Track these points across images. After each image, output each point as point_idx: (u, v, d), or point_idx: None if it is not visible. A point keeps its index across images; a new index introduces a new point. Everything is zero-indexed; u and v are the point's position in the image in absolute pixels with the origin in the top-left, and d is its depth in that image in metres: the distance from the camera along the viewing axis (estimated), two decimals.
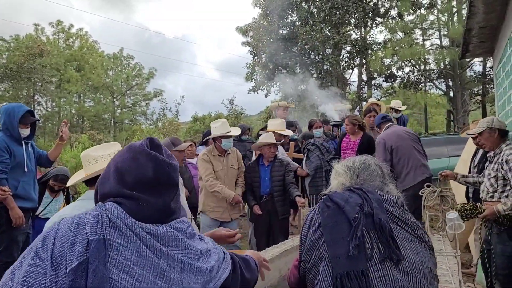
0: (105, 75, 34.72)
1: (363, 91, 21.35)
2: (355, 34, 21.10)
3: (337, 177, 1.88)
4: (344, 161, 1.94)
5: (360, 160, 1.92)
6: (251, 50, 21.64)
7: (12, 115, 4.10)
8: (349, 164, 1.90)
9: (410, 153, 5.29)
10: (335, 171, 1.91)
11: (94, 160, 2.42)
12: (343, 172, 1.87)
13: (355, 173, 1.86)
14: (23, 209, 3.99)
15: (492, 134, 4.01)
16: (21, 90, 29.26)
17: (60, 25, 34.08)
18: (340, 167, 1.91)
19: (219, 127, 5.16)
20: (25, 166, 4.09)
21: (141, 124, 31.08)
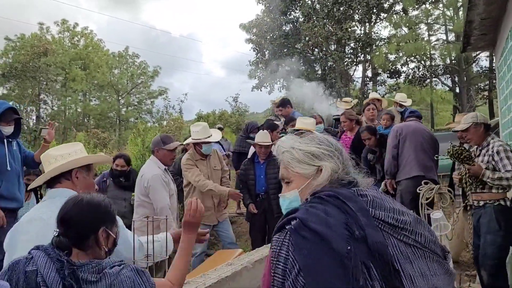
0: (110, 73, 34.75)
1: (368, 88, 21.15)
2: (359, 30, 20.88)
3: (327, 159, 1.43)
4: (311, 138, 1.53)
5: (328, 138, 1.55)
6: (254, 47, 21.50)
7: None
8: (326, 142, 1.50)
9: (415, 148, 5.25)
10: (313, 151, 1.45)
11: (54, 159, 2.37)
12: (330, 153, 1.45)
13: (341, 156, 1.47)
14: (7, 209, 3.89)
15: (478, 129, 4.10)
16: (26, 89, 29.36)
17: (65, 24, 34.15)
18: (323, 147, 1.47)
19: (199, 131, 5.00)
20: (8, 164, 3.99)
21: (146, 122, 31.09)
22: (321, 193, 1.37)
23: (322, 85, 18.14)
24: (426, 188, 5.07)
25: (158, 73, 35.34)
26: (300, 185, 1.48)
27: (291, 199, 1.49)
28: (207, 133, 5.03)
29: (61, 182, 2.34)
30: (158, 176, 4.22)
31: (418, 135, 5.33)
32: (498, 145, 3.94)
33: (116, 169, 5.43)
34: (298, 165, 1.47)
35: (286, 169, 1.50)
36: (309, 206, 1.33)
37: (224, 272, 2.99)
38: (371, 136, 5.69)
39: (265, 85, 21.99)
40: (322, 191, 1.38)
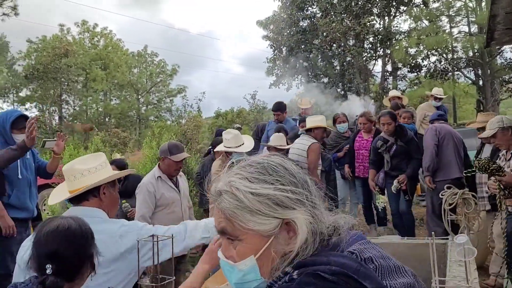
0: (130, 73, 35.09)
1: (388, 82, 20.77)
2: (378, 24, 20.51)
3: (297, 206, 0.96)
4: (260, 167, 1.00)
5: (283, 163, 1.03)
6: (271, 44, 21.34)
7: (4, 120, 3.98)
8: (284, 173, 0.99)
9: (454, 150, 5.36)
10: (274, 196, 0.95)
11: (81, 175, 2.20)
12: (298, 194, 0.97)
13: (309, 192, 1.00)
14: (18, 220, 3.86)
15: (505, 133, 4.06)
16: (48, 90, 29.87)
17: (85, 25, 34.59)
18: (285, 186, 0.97)
19: (230, 140, 4.79)
20: (19, 173, 3.96)
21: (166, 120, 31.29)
22: (314, 266, 0.89)
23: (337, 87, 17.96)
24: (449, 193, 4.87)
25: (176, 71, 35.55)
26: (258, 249, 0.96)
27: (245, 271, 0.97)
28: (239, 141, 4.83)
29: (88, 199, 2.19)
30: (144, 185, 4.12)
31: (455, 137, 5.44)
32: None
33: None
34: (251, 218, 0.94)
35: (229, 221, 0.97)
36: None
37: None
38: (391, 122, 5.52)
39: (283, 82, 21.84)
40: (312, 261, 0.91)
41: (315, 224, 0.96)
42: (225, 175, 1.02)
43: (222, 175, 1.03)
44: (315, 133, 5.51)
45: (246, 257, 0.97)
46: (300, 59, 20.61)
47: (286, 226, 0.95)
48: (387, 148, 5.59)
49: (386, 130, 5.55)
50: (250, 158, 1.05)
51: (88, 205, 2.19)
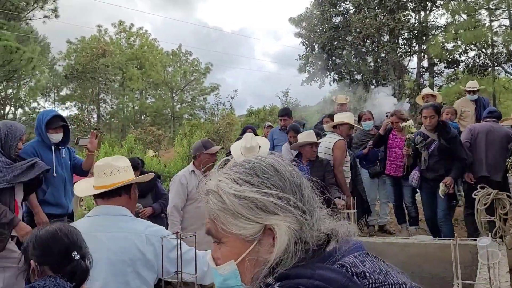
0: (164, 71, 35.71)
1: (423, 79, 20.25)
2: (413, 19, 20.02)
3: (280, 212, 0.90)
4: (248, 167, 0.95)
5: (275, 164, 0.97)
6: (303, 41, 21.22)
7: (40, 120, 4.16)
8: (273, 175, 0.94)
9: (486, 148, 5.28)
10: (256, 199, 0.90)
11: (117, 170, 2.29)
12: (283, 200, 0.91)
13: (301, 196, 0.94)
14: (53, 215, 4.03)
15: None
16: (87, 89, 30.84)
17: (122, 25, 35.43)
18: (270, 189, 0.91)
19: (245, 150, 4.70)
20: (54, 171, 4.13)
21: (199, 118, 31.69)
22: (297, 280, 0.84)
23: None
24: (483, 193, 4.73)
25: (209, 69, 35.89)
26: (238, 253, 0.92)
27: (226, 276, 0.95)
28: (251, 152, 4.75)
29: (121, 195, 2.27)
30: (177, 177, 4.33)
31: (490, 135, 5.31)
32: None
33: None
34: (233, 221, 0.91)
35: (213, 223, 0.95)
36: None
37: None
38: (435, 115, 5.13)
39: (315, 79, 21.68)
40: (296, 274, 0.85)
41: (302, 232, 0.90)
42: (216, 174, 0.98)
43: (214, 173, 0.99)
44: (340, 129, 5.43)
45: (228, 261, 0.94)
46: (332, 56, 20.40)
47: (269, 231, 0.90)
48: (426, 145, 5.23)
49: (428, 124, 5.16)
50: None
51: (117, 202, 2.27)
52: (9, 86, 23.00)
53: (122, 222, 2.20)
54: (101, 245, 2.11)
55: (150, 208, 4.77)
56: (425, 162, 5.22)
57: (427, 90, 7.78)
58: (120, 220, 2.20)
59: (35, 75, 22.88)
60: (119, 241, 2.14)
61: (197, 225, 4.13)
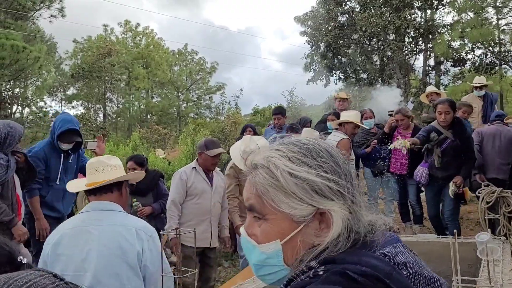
0: (170, 71, 35.82)
1: (430, 77, 20.13)
2: (419, 18, 19.89)
3: (336, 197, 0.89)
4: (304, 148, 0.92)
5: (329, 148, 0.95)
6: (308, 40, 21.17)
7: (55, 127, 4.15)
8: (328, 158, 0.92)
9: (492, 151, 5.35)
10: (314, 182, 0.88)
11: (109, 168, 2.39)
12: (339, 186, 0.89)
13: (351, 185, 0.93)
14: (50, 217, 4.10)
15: None
16: (93, 88, 31.01)
17: (128, 25, 35.58)
18: (328, 174, 0.89)
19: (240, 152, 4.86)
20: (58, 179, 4.16)
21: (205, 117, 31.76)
22: (343, 265, 0.82)
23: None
24: (487, 191, 4.71)
25: (215, 69, 35.98)
26: (284, 233, 0.90)
27: (269, 254, 0.91)
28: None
29: (112, 191, 2.35)
30: (178, 172, 4.36)
31: (496, 139, 5.35)
32: None
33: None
34: (285, 200, 0.88)
35: (259, 198, 0.91)
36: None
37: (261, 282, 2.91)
38: (450, 111, 4.84)
39: (321, 78, 21.62)
40: (342, 259, 0.84)
41: (352, 220, 0.89)
42: (265, 149, 0.95)
43: (262, 148, 0.96)
44: (345, 128, 5.41)
45: (270, 239, 0.91)
46: (338, 55, 20.34)
47: (319, 216, 0.88)
48: (439, 142, 4.96)
49: (442, 120, 4.86)
50: (294, 136, 0.98)
51: (109, 198, 2.35)
52: (16, 85, 23.13)
53: (113, 216, 2.28)
54: (93, 238, 2.19)
55: (150, 208, 4.70)
56: (439, 159, 4.93)
57: (431, 88, 7.72)
58: (111, 215, 2.29)
59: (41, 74, 23.00)
60: (109, 234, 2.21)
61: (195, 221, 4.17)
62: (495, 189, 4.62)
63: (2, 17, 20.12)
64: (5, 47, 17.17)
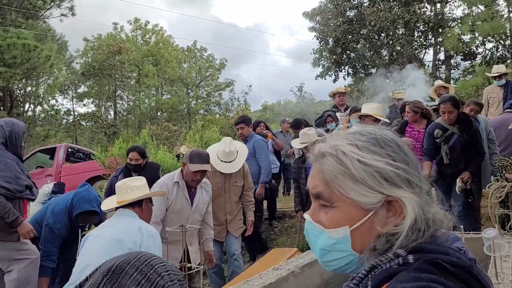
0: (180, 68, 35.87)
1: (440, 72, 19.92)
2: (429, 11, 19.67)
3: (405, 186, 0.89)
4: (372, 137, 0.93)
5: (397, 139, 0.96)
6: (317, 35, 21.05)
7: (71, 202, 4.17)
8: (396, 148, 0.92)
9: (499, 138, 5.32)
10: (383, 170, 0.89)
11: (130, 189, 2.93)
12: (408, 174, 0.90)
13: (419, 175, 0.93)
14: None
15: None
16: (104, 86, 31.20)
17: (138, 23, 35.66)
18: (396, 162, 0.90)
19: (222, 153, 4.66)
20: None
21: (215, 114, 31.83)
22: (433, 254, 0.81)
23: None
24: (497, 186, 4.65)
25: (224, 65, 35.94)
26: (353, 220, 0.90)
27: (337, 239, 0.92)
28: (229, 157, 4.64)
29: (134, 207, 2.91)
30: (159, 185, 3.88)
31: (502, 129, 5.29)
32: None
33: (130, 163, 5.07)
34: (354, 187, 0.88)
35: (327, 185, 0.92)
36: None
37: (268, 278, 2.95)
38: (454, 110, 4.78)
39: (329, 74, 21.51)
40: (430, 249, 0.83)
41: (423, 209, 0.88)
42: (331, 138, 0.96)
43: (328, 137, 0.98)
44: (365, 121, 5.27)
45: (339, 226, 0.91)
46: (347, 50, 20.21)
47: (387, 204, 0.89)
48: (446, 138, 4.88)
49: (446, 119, 4.83)
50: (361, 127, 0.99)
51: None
52: (28, 84, 23.40)
53: (126, 217, 2.86)
54: (107, 229, 2.78)
55: None
56: (447, 155, 4.87)
57: (439, 82, 7.63)
58: (126, 215, 2.88)
59: (53, 72, 23.24)
60: (119, 226, 2.76)
61: (168, 240, 3.78)
62: (505, 184, 4.57)
63: (13, 17, 20.31)
64: (17, 46, 17.37)
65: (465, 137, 4.81)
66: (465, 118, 4.91)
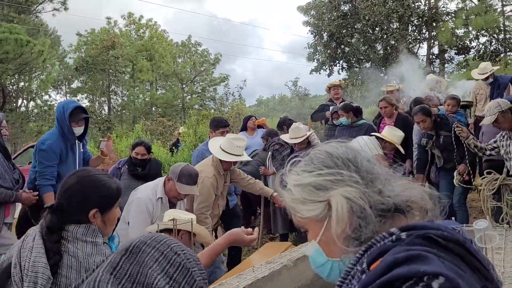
0: (174, 63, 35.73)
1: (434, 66, 19.98)
2: (423, 5, 19.70)
3: (337, 185, 0.98)
4: (307, 160, 1.06)
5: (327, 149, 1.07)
6: (311, 29, 21.03)
7: (62, 112, 4.05)
8: (325, 158, 1.03)
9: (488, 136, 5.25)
10: (313, 182, 1.01)
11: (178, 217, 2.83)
12: (337, 174, 0.99)
13: (356, 167, 1.01)
14: None
15: (506, 116, 4.21)
16: (97, 81, 31.03)
17: (131, 17, 35.44)
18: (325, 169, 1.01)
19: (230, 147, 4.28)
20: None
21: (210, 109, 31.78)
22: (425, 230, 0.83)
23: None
24: (490, 179, 4.69)
25: (219, 60, 35.80)
26: (317, 233, 1.02)
27: (313, 256, 1.04)
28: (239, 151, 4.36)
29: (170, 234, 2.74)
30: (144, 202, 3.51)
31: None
32: None
33: (136, 158, 4.88)
34: (304, 208, 1.02)
35: (294, 216, 1.07)
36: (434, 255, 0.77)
37: (261, 272, 2.95)
38: (425, 118, 5.06)
39: (324, 68, 21.51)
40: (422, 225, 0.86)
41: (368, 197, 0.95)
42: (288, 176, 1.10)
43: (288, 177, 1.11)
44: (386, 145, 5.11)
45: (310, 244, 1.06)
46: (341, 44, 20.21)
47: (331, 207, 0.98)
48: (434, 143, 5.19)
49: (423, 128, 5.16)
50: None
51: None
52: (20, 79, 23.23)
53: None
54: None
55: None
56: (440, 159, 5.20)
57: (432, 76, 7.64)
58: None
59: (46, 68, 23.07)
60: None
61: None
62: (498, 177, 4.60)
63: (5, 11, 20.13)
64: (9, 41, 17.22)
65: (450, 135, 5.10)
66: (441, 119, 5.20)
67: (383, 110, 5.97)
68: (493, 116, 4.21)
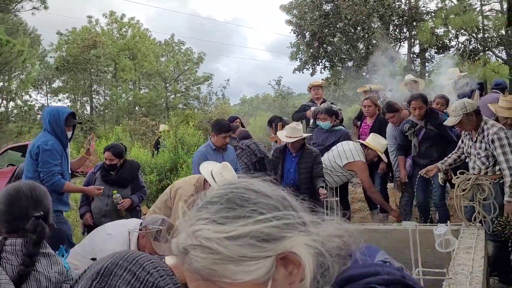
0: (157, 62, 35.49)
1: (415, 65, 20.23)
2: (404, 5, 19.92)
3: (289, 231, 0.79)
4: (226, 199, 0.80)
5: (247, 186, 0.83)
6: (294, 29, 21.10)
7: (57, 116, 4.18)
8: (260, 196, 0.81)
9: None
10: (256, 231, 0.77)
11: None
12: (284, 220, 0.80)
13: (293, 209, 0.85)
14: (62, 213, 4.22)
15: (470, 118, 4.20)
16: (79, 81, 30.65)
17: (113, 16, 35.07)
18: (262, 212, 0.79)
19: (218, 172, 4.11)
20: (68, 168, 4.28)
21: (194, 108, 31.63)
22: (365, 279, 0.77)
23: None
24: (462, 179, 4.78)
25: (202, 59, 35.67)
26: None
27: None
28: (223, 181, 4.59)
29: None
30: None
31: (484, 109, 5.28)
32: (492, 133, 4.14)
33: (105, 163, 4.84)
34: (237, 269, 0.75)
35: (210, 282, 0.76)
36: None
37: None
38: (423, 106, 5.15)
39: (307, 67, 21.60)
40: (360, 274, 0.78)
41: (320, 242, 0.78)
42: (185, 224, 0.80)
43: (180, 224, 0.81)
44: (369, 152, 5.30)
45: None
46: (323, 44, 20.31)
47: (281, 261, 0.76)
48: (415, 132, 5.26)
49: (417, 115, 5.18)
50: (203, 194, 0.84)
51: None
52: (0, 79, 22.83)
53: None
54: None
55: (129, 200, 4.69)
56: (416, 148, 5.28)
57: (409, 76, 7.73)
58: None
59: (26, 67, 22.70)
60: None
61: None
62: (470, 177, 4.69)
63: None
64: None
65: (434, 130, 5.17)
66: (432, 112, 5.29)
67: (366, 109, 6.05)
68: (457, 118, 4.21)
